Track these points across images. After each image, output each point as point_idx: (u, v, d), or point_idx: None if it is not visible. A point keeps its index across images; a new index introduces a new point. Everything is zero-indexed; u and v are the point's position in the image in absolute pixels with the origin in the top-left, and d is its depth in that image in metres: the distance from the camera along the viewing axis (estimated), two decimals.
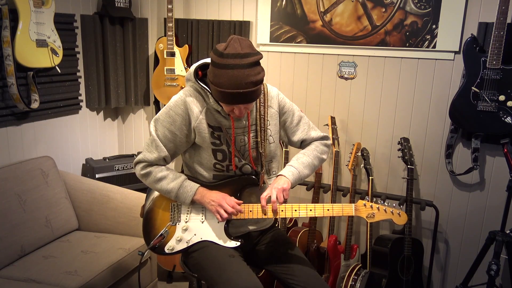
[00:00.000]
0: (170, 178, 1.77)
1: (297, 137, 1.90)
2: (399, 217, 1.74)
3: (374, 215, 1.74)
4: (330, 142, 1.98)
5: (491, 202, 2.62)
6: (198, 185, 1.78)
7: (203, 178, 1.82)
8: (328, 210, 1.74)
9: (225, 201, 1.73)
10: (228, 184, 1.79)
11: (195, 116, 1.72)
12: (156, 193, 1.87)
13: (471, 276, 2.34)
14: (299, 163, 1.83)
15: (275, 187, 1.72)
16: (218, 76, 1.54)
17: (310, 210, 1.74)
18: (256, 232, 1.91)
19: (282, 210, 1.74)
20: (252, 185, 1.80)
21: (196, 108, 1.72)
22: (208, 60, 1.68)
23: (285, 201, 1.75)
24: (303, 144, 1.93)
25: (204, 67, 1.75)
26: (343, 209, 1.74)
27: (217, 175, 1.80)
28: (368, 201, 1.75)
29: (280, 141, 1.94)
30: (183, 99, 1.73)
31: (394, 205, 1.76)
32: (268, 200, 1.71)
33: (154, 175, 1.77)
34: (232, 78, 1.52)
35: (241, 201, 1.77)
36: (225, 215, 1.72)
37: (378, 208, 1.74)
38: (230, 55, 1.52)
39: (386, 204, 1.76)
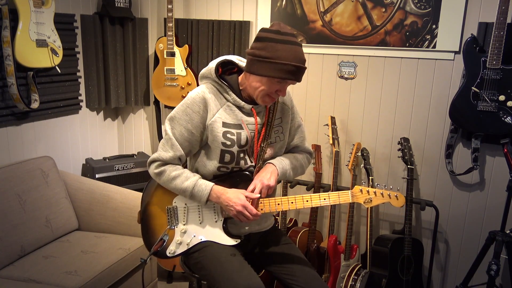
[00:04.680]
0: (184, 176, 1.73)
1: (293, 141, 1.90)
2: (396, 200, 1.72)
3: (371, 200, 1.72)
4: (312, 160, 1.99)
5: (491, 202, 2.62)
6: (212, 183, 1.73)
7: (203, 177, 1.79)
8: (324, 199, 1.71)
9: (245, 208, 1.68)
10: (224, 181, 1.76)
11: (211, 114, 1.70)
12: (150, 198, 1.86)
13: (471, 276, 2.34)
14: (291, 163, 1.83)
15: (262, 180, 1.71)
16: (280, 50, 1.57)
17: (307, 201, 1.72)
18: (257, 234, 1.89)
19: (278, 204, 1.73)
20: (246, 181, 1.77)
21: (214, 106, 1.70)
22: (228, 57, 1.74)
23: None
24: (294, 150, 1.93)
25: (223, 64, 1.75)
26: (340, 196, 1.72)
27: (217, 175, 1.79)
28: (364, 186, 1.74)
29: None
30: (202, 96, 1.69)
31: (391, 187, 1.74)
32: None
33: (168, 173, 1.73)
34: (295, 53, 1.58)
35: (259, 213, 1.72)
36: (245, 220, 1.70)
37: (374, 193, 1.71)
38: (287, 33, 1.60)
39: (382, 187, 1.74)
